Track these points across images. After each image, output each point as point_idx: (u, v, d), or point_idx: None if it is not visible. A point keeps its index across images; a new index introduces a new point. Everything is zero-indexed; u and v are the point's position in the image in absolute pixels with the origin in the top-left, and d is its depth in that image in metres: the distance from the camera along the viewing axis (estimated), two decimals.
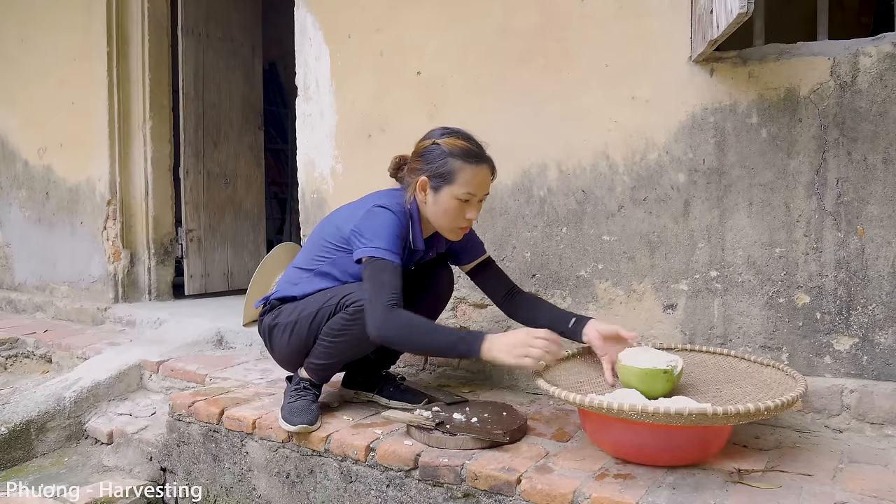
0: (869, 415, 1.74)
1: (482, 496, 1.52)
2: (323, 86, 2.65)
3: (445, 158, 1.77)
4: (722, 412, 1.36)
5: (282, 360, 1.98)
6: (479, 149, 1.81)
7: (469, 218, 1.81)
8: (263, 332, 1.96)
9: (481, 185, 1.79)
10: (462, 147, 1.78)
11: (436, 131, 1.85)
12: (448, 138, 1.80)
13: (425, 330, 1.69)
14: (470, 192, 1.77)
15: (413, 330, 1.67)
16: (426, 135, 1.86)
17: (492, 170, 1.83)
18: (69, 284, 3.96)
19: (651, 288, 2.04)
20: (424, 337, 1.68)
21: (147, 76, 3.66)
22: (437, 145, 1.79)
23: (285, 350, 1.91)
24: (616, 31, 2.05)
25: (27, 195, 4.18)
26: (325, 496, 1.76)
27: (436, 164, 1.78)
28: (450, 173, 1.77)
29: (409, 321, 1.67)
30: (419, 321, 1.68)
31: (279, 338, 1.90)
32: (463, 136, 1.81)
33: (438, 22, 2.37)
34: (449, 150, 1.77)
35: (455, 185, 1.77)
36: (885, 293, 1.75)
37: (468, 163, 1.77)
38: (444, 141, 1.79)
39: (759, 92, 1.87)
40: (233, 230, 4.15)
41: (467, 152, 1.78)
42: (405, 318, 1.67)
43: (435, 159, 1.78)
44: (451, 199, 1.78)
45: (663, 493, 1.39)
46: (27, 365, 3.22)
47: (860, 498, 1.37)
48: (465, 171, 1.76)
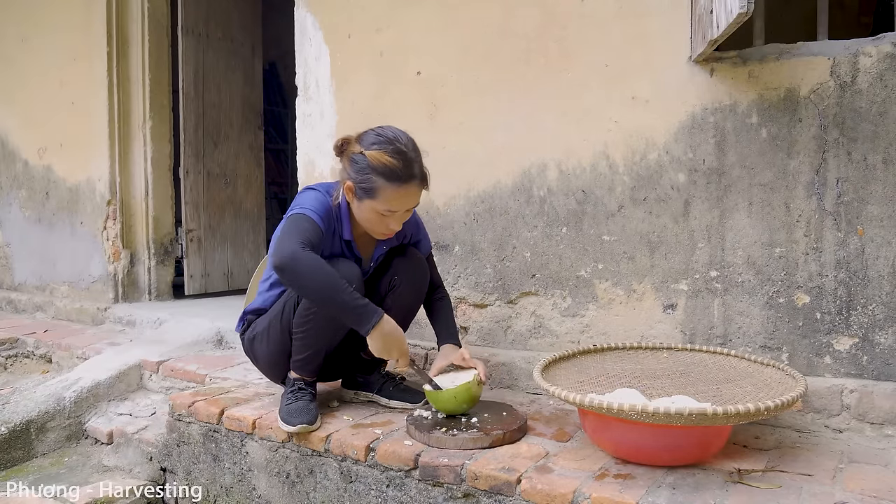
0: (869, 415, 1.74)
1: (482, 496, 1.52)
2: (323, 86, 2.65)
3: (369, 174, 1.71)
4: (722, 412, 1.36)
5: (270, 370, 1.99)
6: (408, 167, 1.71)
7: (392, 228, 1.80)
8: (247, 349, 2.00)
9: (404, 203, 1.75)
10: (386, 165, 1.69)
11: (369, 136, 1.76)
12: (375, 151, 1.71)
13: (332, 278, 1.61)
14: (390, 209, 1.74)
15: (319, 272, 1.61)
16: (361, 135, 1.78)
17: (422, 185, 1.76)
18: (69, 284, 3.96)
19: (651, 288, 2.04)
20: (328, 283, 1.61)
21: (147, 76, 3.66)
22: (363, 156, 1.72)
23: (269, 357, 1.93)
24: (616, 30, 2.05)
25: (27, 195, 4.18)
26: (325, 496, 1.76)
27: (361, 176, 1.73)
28: (372, 190, 1.72)
29: (322, 267, 1.62)
30: (330, 271, 1.62)
31: (260, 348, 1.93)
32: (393, 151, 1.71)
33: (438, 22, 2.37)
34: (373, 166, 1.70)
35: (376, 202, 1.73)
36: (885, 293, 1.75)
37: (391, 183, 1.70)
38: (370, 154, 1.70)
39: (759, 92, 1.87)
40: (233, 230, 4.15)
41: (391, 172, 1.69)
42: (315, 258, 1.62)
43: (360, 171, 1.73)
44: (372, 212, 1.75)
45: (663, 493, 1.39)
46: (27, 365, 3.22)
47: (860, 498, 1.37)
48: (387, 191, 1.71)
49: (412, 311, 2.03)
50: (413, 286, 1.97)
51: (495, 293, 2.30)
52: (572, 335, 2.17)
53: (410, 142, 1.77)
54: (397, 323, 1.99)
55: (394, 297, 1.95)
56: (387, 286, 1.95)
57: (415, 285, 1.97)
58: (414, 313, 2.05)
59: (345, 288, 1.63)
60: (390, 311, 1.95)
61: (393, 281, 1.94)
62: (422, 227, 2.08)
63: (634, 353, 1.94)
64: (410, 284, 1.96)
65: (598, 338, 2.12)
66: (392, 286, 1.94)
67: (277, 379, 2.01)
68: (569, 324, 2.17)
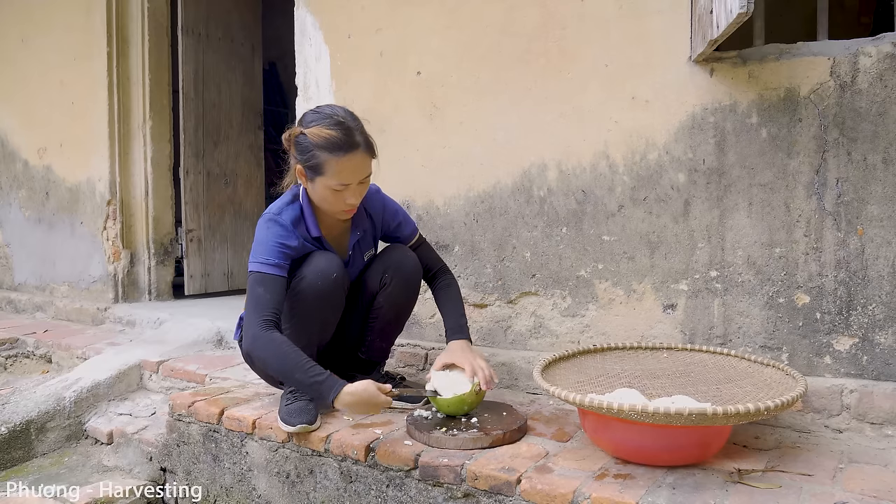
0: (869, 415, 1.74)
1: (482, 496, 1.52)
2: (323, 86, 2.65)
3: (312, 150, 1.72)
4: (722, 412, 1.36)
5: (267, 374, 1.99)
6: (348, 135, 1.71)
7: (350, 203, 1.78)
8: (246, 355, 1.99)
9: (354, 173, 1.73)
10: (327, 137, 1.70)
11: (307, 115, 1.78)
12: (314, 127, 1.72)
13: (290, 358, 1.66)
14: (342, 182, 1.73)
15: (278, 355, 1.67)
16: (300, 118, 1.80)
17: (368, 152, 1.75)
18: (69, 284, 3.96)
19: (651, 288, 2.04)
20: (286, 364, 1.66)
21: (147, 76, 3.66)
22: (304, 135, 1.73)
23: None
24: (616, 30, 2.05)
25: (27, 195, 4.18)
26: (325, 496, 1.76)
27: (305, 155, 1.73)
28: (318, 166, 1.72)
29: (279, 348, 1.67)
30: (288, 350, 1.67)
31: None
32: (330, 124, 1.72)
33: (438, 22, 2.37)
34: (314, 143, 1.71)
35: (325, 177, 1.73)
36: (885, 293, 1.75)
37: (335, 154, 1.70)
38: (310, 131, 1.72)
39: (759, 92, 1.87)
40: (233, 230, 4.15)
41: (333, 143, 1.70)
42: (275, 344, 1.67)
43: (304, 150, 1.73)
44: (326, 189, 1.75)
45: (663, 493, 1.39)
46: (27, 365, 3.22)
47: (860, 498, 1.37)
48: (332, 163, 1.71)
49: (406, 310, 2.03)
50: (405, 283, 1.95)
51: (495, 293, 2.30)
52: (572, 335, 2.17)
53: (349, 114, 1.78)
54: (389, 322, 1.99)
55: (385, 296, 1.94)
56: (377, 284, 1.94)
57: (407, 282, 1.96)
58: (408, 311, 2.04)
59: (302, 365, 1.65)
60: (382, 309, 1.95)
61: (384, 279, 1.93)
62: (400, 211, 2.03)
63: (634, 353, 1.94)
64: (402, 282, 1.95)
65: (598, 338, 2.12)
66: (383, 284, 1.94)
67: (275, 383, 2.01)
68: (569, 324, 2.17)
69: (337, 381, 1.65)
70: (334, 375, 1.67)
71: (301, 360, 1.66)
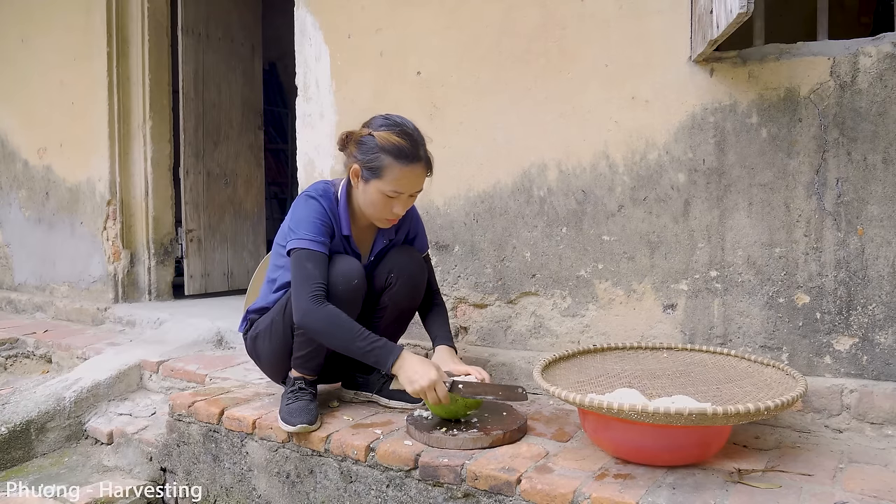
0: (869, 415, 1.74)
1: (482, 496, 1.52)
2: (323, 86, 2.65)
3: (377, 153, 1.75)
4: (722, 412, 1.36)
5: (272, 368, 2.00)
6: (415, 147, 1.76)
7: (396, 213, 1.81)
8: (249, 348, 2.01)
9: (411, 184, 1.78)
10: (395, 144, 1.74)
11: (377, 120, 1.81)
12: (384, 131, 1.76)
13: (346, 329, 1.71)
14: (397, 190, 1.76)
15: (334, 326, 1.70)
16: (367, 121, 1.83)
17: (427, 168, 1.80)
18: (69, 284, 3.96)
19: (651, 288, 2.04)
20: (344, 335, 1.70)
21: (147, 76, 3.66)
22: (371, 137, 1.76)
23: (271, 355, 1.93)
24: (616, 30, 2.05)
25: (27, 195, 4.18)
26: (325, 496, 1.76)
27: (368, 156, 1.76)
28: (379, 169, 1.75)
29: (333, 317, 1.71)
30: (342, 319, 1.71)
31: (263, 346, 1.94)
32: (400, 132, 1.76)
33: (438, 22, 2.37)
34: (381, 146, 1.74)
35: (382, 182, 1.76)
36: (885, 293, 1.75)
37: (399, 162, 1.74)
38: (379, 134, 1.75)
39: (759, 92, 1.87)
40: (233, 230, 4.15)
41: (400, 151, 1.74)
42: (329, 313, 1.71)
43: (368, 151, 1.76)
44: (378, 193, 1.77)
45: (663, 493, 1.39)
46: (27, 365, 3.22)
47: (860, 498, 1.37)
48: (395, 169, 1.74)
49: (410, 310, 2.03)
50: (410, 283, 1.96)
51: (495, 293, 2.30)
52: (572, 335, 2.17)
53: (416, 129, 1.82)
54: (393, 321, 1.99)
55: (390, 295, 1.94)
56: (383, 283, 1.94)
57: (412, 282, 1.96)
58: (411, 312, 2.05)
59: (359, 334, 1.70)
60: (386, 308, 1.96)
61: (389, 278, 1.94)
62: (421, 228, 2.08)
63: (634, 353, 1.94)
64: (408, 282, 1.95)
65: (598, 338, 2.12)
66: (388, 283, 1.94)
67: (279, 378, 2.01)
68: (569, 324, 2.17)
69: (395, 346, 1.72)
70: (391, 342, 1.73)
71: (357, 329, 1.71)
